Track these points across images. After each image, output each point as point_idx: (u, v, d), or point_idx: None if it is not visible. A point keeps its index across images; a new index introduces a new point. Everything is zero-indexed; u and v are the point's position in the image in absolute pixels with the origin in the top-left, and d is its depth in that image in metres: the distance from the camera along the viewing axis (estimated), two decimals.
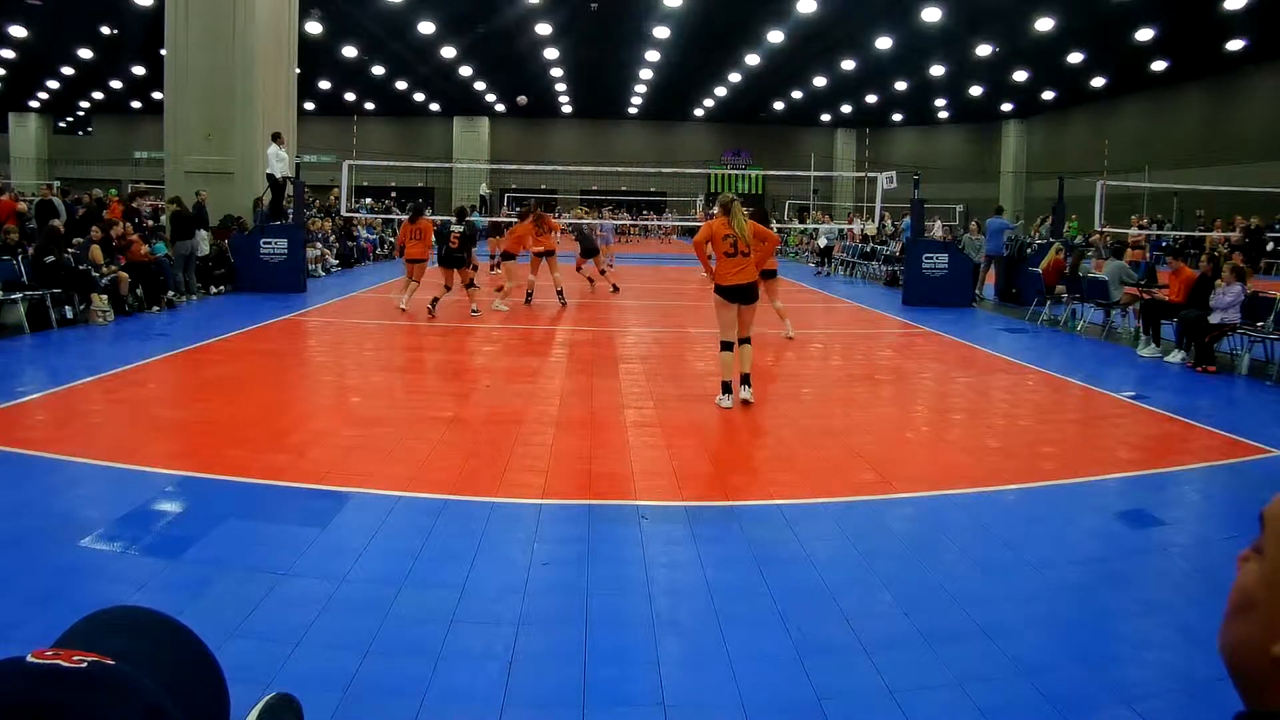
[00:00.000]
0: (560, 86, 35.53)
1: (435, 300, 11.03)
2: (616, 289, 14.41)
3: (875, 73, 29.48)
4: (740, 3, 22.08)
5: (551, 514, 4.19)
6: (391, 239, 22.95)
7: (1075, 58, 26.54)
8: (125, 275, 10.37)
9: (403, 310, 11.16)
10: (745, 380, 6.49)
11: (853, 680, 2.75)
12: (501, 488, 4.52)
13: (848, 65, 28.61)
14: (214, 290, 12.99)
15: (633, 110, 40.69)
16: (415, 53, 28.22)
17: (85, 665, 0.49)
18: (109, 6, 23.58)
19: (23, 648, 0.52)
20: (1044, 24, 22.40)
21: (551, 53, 28.37)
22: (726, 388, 6.42)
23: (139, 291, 10.90)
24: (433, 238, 12.14)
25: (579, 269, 14.93)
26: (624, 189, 40.93)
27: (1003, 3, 21.08)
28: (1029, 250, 14.89)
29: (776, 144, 41.35)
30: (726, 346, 6.39)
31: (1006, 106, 36.87)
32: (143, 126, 38.37)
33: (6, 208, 12.29)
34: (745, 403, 6.42)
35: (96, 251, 10.37)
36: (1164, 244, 19.47)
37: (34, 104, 40.02)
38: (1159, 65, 27.09)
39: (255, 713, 0.68)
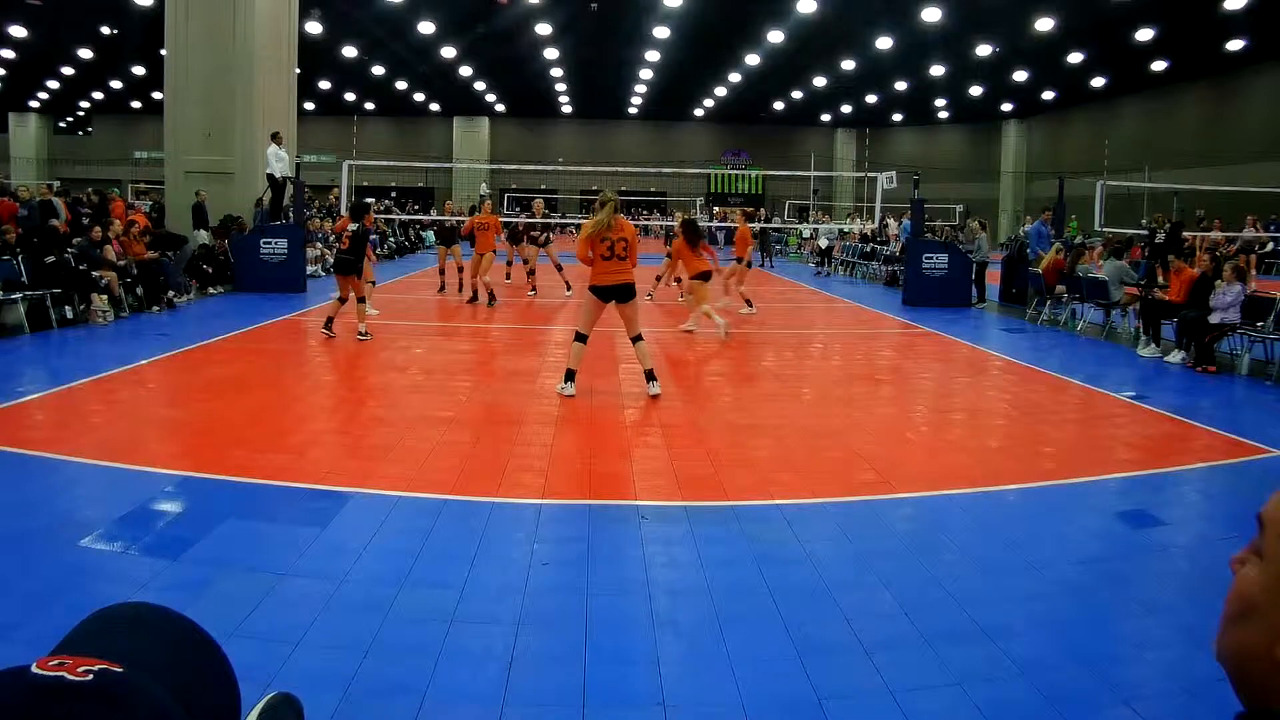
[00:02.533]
0: (560, 86, 35.52)
1: (330, 320, 9.13)
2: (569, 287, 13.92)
3: (875, 73, 29.47)
4: (740, 3, 22.07)
5: (551, 514, 4.19)
6: (393, 238, 22.96)
7: (1075, 58, 26.53)
8: (114, 275, 10.28)
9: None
10: (650, 376, 6.66)
11: (853, 680, 2.75)
12: (501, 488, 4.52)
13: (848, 65, 28.60)
14: (213, 290, 12.98)
15: (633, 110, 40.67)
16: (415, 53, 28.21)
17: (90, 678, 0.49)
18: (109, 6, 23.57)
19: (23, 648, 0.52)
20: (1044, 24, 22.39)
21: (551, 53, 28.37)
22: (570, 375, 6.63)
23: (139, 291, 10.90)
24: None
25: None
26: (624, 189, 40.92)
27: (1003, 3, 21.07)
28: (1029, 250, 14.86)
29: (776, 144, 41.33)
30: (581, 338, 6.65)
31: (1006, 106, 36.86)
32: (143, 126, 38.37)
33: (7, 209, 12.27)
34: (654, 397, 6.57)
35: (109, 252, 10.43)
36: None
37: (34, 104, 40.02)
38: (1159, 65, 27.08)
39: (256, 712, 0.68)
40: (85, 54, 29.89)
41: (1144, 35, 23.27)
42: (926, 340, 10.35)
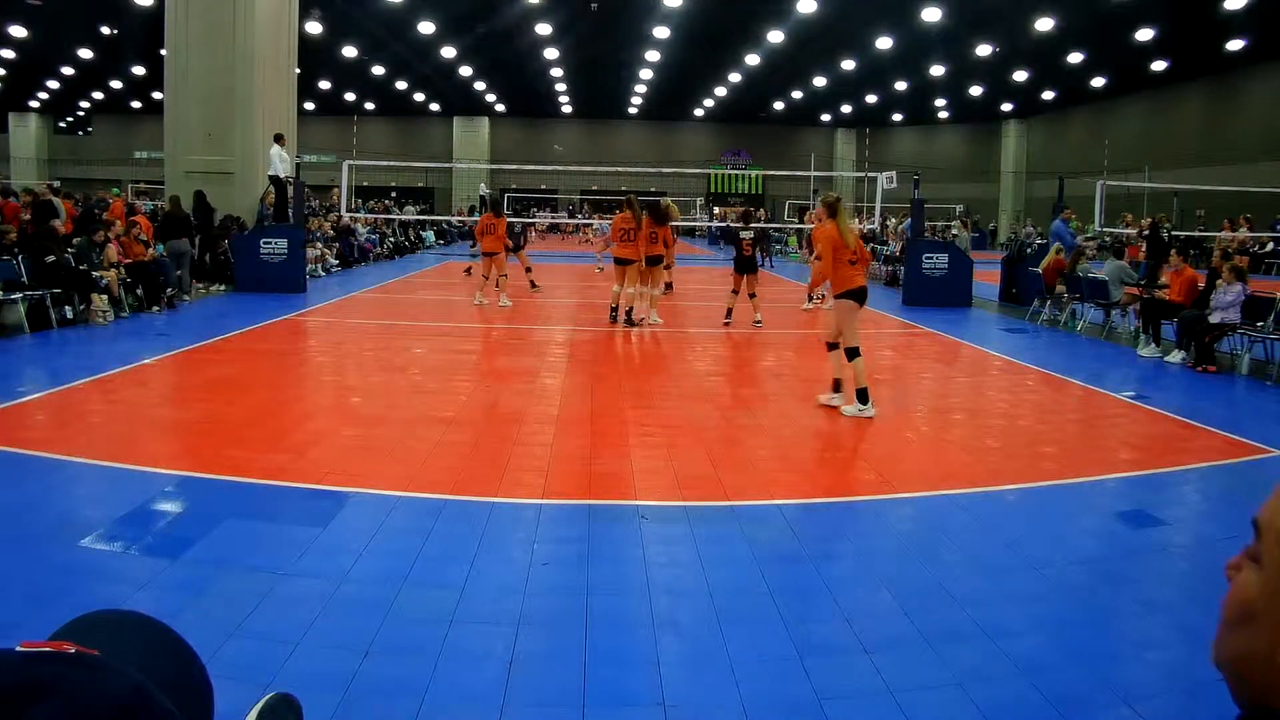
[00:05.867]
0: (560, 86, 35.52)
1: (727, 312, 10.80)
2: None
3: (875, 73, 29.47)
4: (740, 3, 22.08)
5: (551, 514, 4.19)
6: (393, 239, 22.93)
7: (1075, 58, 26.54)
8: (114, 274, 10.27)
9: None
10: (837, 386, 6.48)
11: (853, 680, 2.75)
12: (501, 488, 4.52)
13: (848, 65, 28.61)
14: (213, 289, 12.98)
15: (633, 110, 40.66)
16: (415, 53, 28.21)
17: (73, 651, 0.51)
18: (109, 6, 23.58)
19: None
20: (1044, 24, 22.39)
21: (551, 53, 28.37)
22: (864, 395, 6.18)
23: (139, 291, 10.89)
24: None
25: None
26: (624, 189, 40.93)
27: (1003, 3, 21.08)
28: (1029, 250, 14.87)
29: (776, 144, 41.35)
30: (855, 353, 6.25)
31: (1006, 106, 36.87)
32: (143, 126, 38.39)
33: (11, 209, 12.27)
34: (831, 407, 6.41)
35: (112, 252, 10.43)
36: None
37: (34, 104, 40.03)
38: (1159, 65, 27.09)
39: (255, 712, 0.68)
40: (85, 54, 29.89)
41: (1144, 35, 23.28)
42: (926, 340, 10.35)
